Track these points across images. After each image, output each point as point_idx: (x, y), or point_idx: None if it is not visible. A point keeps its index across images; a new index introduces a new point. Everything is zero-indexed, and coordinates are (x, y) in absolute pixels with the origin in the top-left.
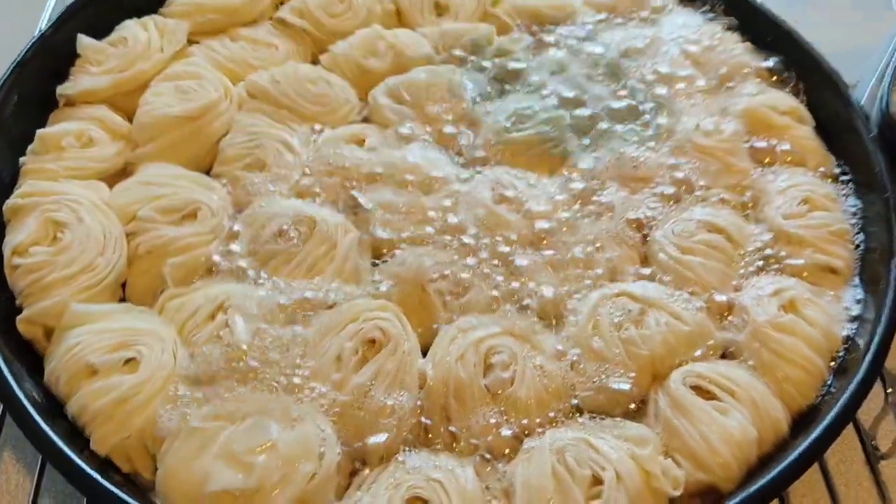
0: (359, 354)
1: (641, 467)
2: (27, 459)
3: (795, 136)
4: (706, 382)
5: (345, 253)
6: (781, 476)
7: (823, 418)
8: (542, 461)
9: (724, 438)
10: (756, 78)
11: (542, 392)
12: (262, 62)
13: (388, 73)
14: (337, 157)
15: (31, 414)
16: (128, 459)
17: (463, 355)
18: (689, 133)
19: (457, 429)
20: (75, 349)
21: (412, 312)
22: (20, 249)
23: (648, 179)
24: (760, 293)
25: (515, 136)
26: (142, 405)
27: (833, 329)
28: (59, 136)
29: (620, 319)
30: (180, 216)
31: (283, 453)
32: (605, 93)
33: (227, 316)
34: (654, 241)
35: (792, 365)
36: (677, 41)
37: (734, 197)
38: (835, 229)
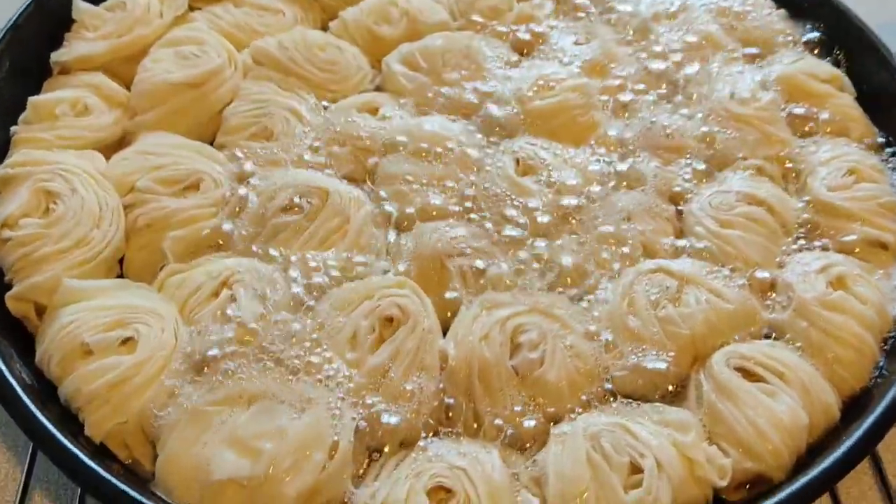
0: (375, 333)
1: (684, 455)
2: (18, 448)
3: (837, 105)
4: (752, 364)
5: (359, 227)
6: (834, 467)
7: (878, 404)
8: (577, 448)
9: (773, 424)
10: (793, 45)
11: (574, 374)
12: (269, 28)
13: (401, 40)
14: (349, 125)
15: (20, 397)
16: (125, 446)
17: (488, 334)
18: (723, 101)
19: (482, 413)
20: (69, 328)
21: (433, 292)
22: (10, 221)
23: (681, 149)
24: (807, 269)
25: (539, 105)
26: (140, 387)
27: (885, 307)
28: (53, 104)
29: (657, 297)
30: (182, 187)
31: (293, 439)
32: (633, 59)
33: (233, 292)
34: (690, 213)
35: (842, 345)
36: (709, 6)
37: (774, 168)
38: (884, 202)
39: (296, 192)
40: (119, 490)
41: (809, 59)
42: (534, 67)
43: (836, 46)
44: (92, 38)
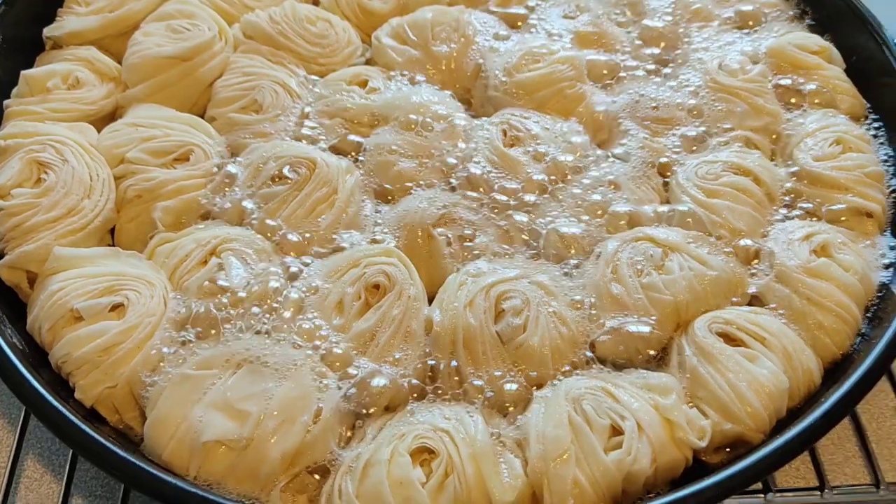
0: (361, 300)
1: (665, 417)
2: (11, 414)
3: (825, 77)
4: (734, 329)
5: (346, 197)
6: (813, 427)
7: (857, 368)
8: (558, 411)
9: (754, 387)
10: (783, 17)
11: (558, 340)
12: (259, 2)
13: (392, 14)
14: (338, 99)
15: (13, 362)
16: (115, 410)
17: (472, 301)
18: (712, 73)
19: (466, 378)
20: (59, 294)
21: (420, 262)
22: (2, 192)
23: (669, 121)
24: (791, 237)
25: (527, 76)
26: (129, 353)
27: (869, 275)
28: (45, 78)
29: (642, 264)
30: (172, 158)
31: (279, 401)
32: (623, 32)
33: (221, 260)
34: (676, 183)
35: (825, 311)
36: None
37: (762, 139)
38: (870, 171)
39: (284, 163)
40: (110, 451)
41: (799, 31)
42: (522, 41)
43: (824, 18)
44: (84, 12)
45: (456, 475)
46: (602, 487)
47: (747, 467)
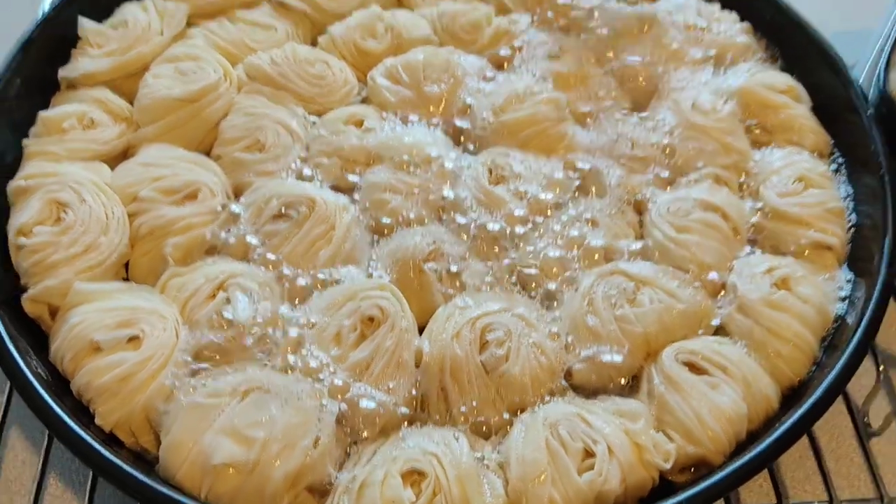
0: (357, 331)
1: (633, 441)
2: (34, 437)
3: (792, 116)
4: (699, 359)
5: (343, 233)
6: (769, 449)
7: (812, 393)
8: (536, 435)
9: (714, 413)
10: (753, 57)
11: (537, 369)
12: (261, 44)
13: (386, 54)
14: (335, 138)
15: (37, 390)
16: (131, 434)
17: (459, 332)
18: (686, 112)
19: (453, 404)
20: (79, 327)
21: (411, 294)
22: (24, 230)
23: (645, 159)
24: (754, 271)
25: (512, 117)
26: (145, 381)
27: (826, 307)
28: (61, 119)
29: (615, 297)
30: (181, 196)
31: (282, 427)
32: (603, 73)
33: (228, 294)
34: (650, 219)
35: (783, 341)
36: (675, 21)
37: (730, 176)
38: (830, 207)
39: (285, 202)
40: (127, 473)
41: (768, 70)
42: (507, 81)
43: (792, 57)
44: (97, 55)
45: (443, 495)
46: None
47: (708, 486)
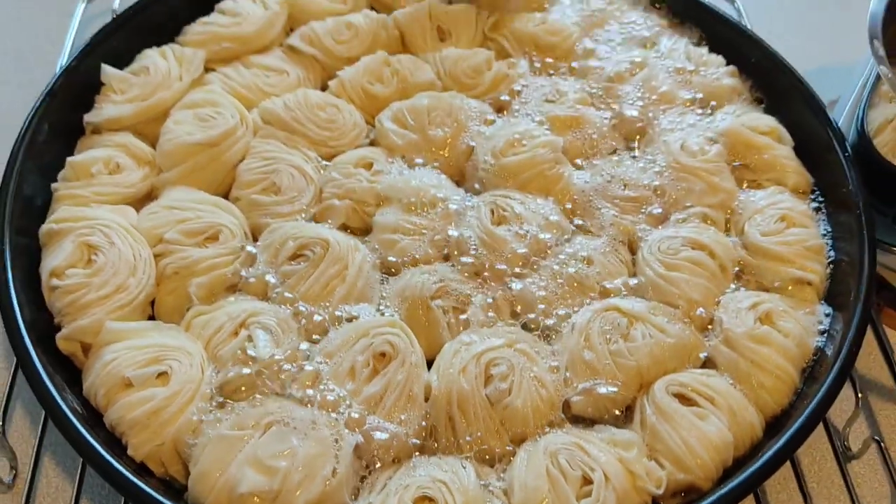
0: (370, 367)
1: (627, 469)
2: (67, 465)
3: (775, 156)
4: (688, 391)
5: (356, 272)
6: (754, 474)
7: (794, 422)
8: (538, 463)
9: (703, 442)
10: (739, 99)
11: (538, 401)
12: (275, 88)
13: (393, 97)
14: (347, 181)
15: (73, 423)
16: (161, 464)
17: (465, 367)
18: (675, 154)
19: (461, 435)
20: (111, 364)
21: (420, 330)
22: (57, 272)
23: (637, 199)
24: (739, 306)
25: (512, 160)
26: (174, 415)
27: (806, 340)
28: (89, 164)
29: (610, 333)
30: (203, 238)
31: (302, 458)
32: (597, 116)
33: (249, 332)
34: (641, 257)
35: (766, 373)
36: (665, 65)
37: (717, 215)
38: (810, 245)
39: (301, 243)
40: (158, 501)
41: (752, 112)
42: (508, 125)
43: (776, 98)
44: (120, 100)
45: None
46: None
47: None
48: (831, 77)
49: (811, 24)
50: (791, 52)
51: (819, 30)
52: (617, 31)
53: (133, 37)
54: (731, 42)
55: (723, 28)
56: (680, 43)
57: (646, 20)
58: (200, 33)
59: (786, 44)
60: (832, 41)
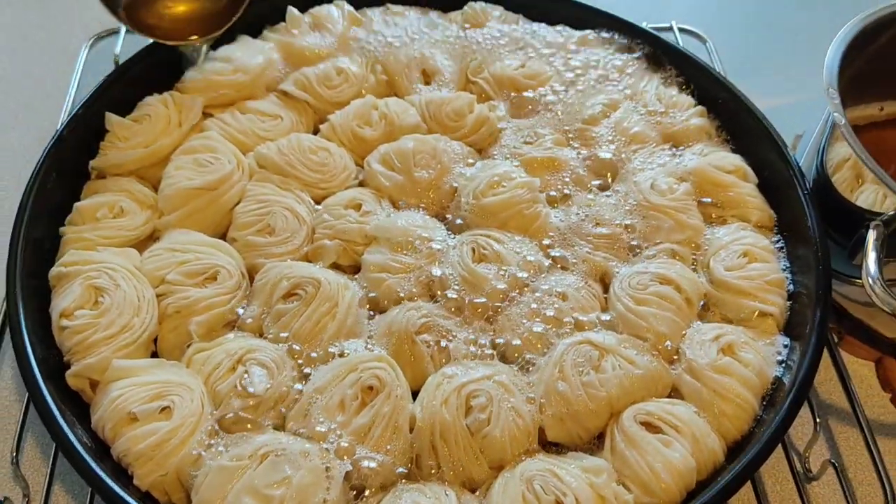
0: (359, 399)
1: (597, 493)
2: (76, 493)
3: (740, 194)
4: (654, 419)
5: (345, 310)
6: (715, 496)
7: (752, 446)
8: (514, 489)
9: (667, 468)
10: (707, 138)
11: (515, 431)
12: (269, 133)
13: (381, 140)
14: (337, 223)
15: (82, 454)
16: (165, 493)
17: (447, 399)
18: (645, 193)
19: (443, 462)
20: (118, 400)
21: (405, 364)
22: (66, 313)
23: (610, 237)
24: (703, 338)
25: (491, 200)
26: (176, 447)
27: (765, 369)
28: (95, 208)
29: (582, 365)
30: (203, 278)
31: (296, 486)
32: (573, 157)
33: (246, 368)
34: (612, 293)
35: (727, 402)
36: (636, 107)
37: (685, 251)
38: (771, 279)
39: (294, 282)
40: None
41: (719, 151)
42: (488, 167)
43: (742, 137)
44: (123, 147)
45: None
46: None
47: None
48: (800, 111)
49: (781, 61)
50: (762, 87)
51: (788, 66)
52: (592, 74)
53: (135, 84)
54: (700, 82)
55: (692, 69)
56: (651, 84)
57: (619, 62)
58: (198, 80)
59: (758, 80)
60: (801, 77)
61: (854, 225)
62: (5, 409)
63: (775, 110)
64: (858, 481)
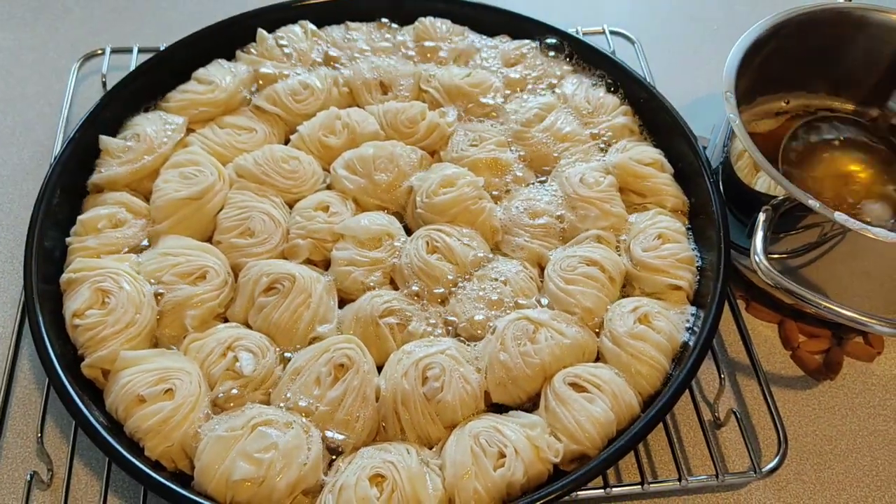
0: (331, 375)
1: (533, 444)
2: (93, 466)
3: (657, 183)
4: (580, 380)
5: (318, 300)
6: (631, 438)
7: (661, 398)
8: (464, 443)
9: (591, 421)
10: (629, 134)
11: (465, 395)
12: (246, 145)
13: (344, 147)
14: (308, 223)
15: (100, 431)
16: (172, 461)
17: (406, 372)
18: (574, 186)
19: (405, 425)
20: (127, 385)
21: (371, 343)
22: (78, 313)
23: (545, 227)
24: (623, 310)
25: (442, 199)
26: (179, 422)
27: (675, 335)
28: (96, 220)
29: (520, 338)
30: (194, 278)
31: (282, 450)
32: (513, 156)
33: (235, 353)
34: (547, 275)
35: (642, 363)
36: (568, 109)
37: (609, 236)
38: (682, 257)
39: (273, 278)
40: (170, 488)
41: (639, 146)
42: (438, 168)
43: (660, 133)
44: (115, 164)
45: (399, 491)
46: (493, 493)
47: (587, 471)
48: (716, 104)
49: (703, 56)
50: (686, 81)
51: (709, 61)
52: (529, 80)
53: (124, 105)
54: (625, 84)
55: (618, 72)
56: (581, 88)
57: (553, 68)
58: (180, 100)
59: (682, 75)
60: (720, 71)
61: (754, 207)
62: (27, 398)
63: (696, 103)
64: (761, 426)
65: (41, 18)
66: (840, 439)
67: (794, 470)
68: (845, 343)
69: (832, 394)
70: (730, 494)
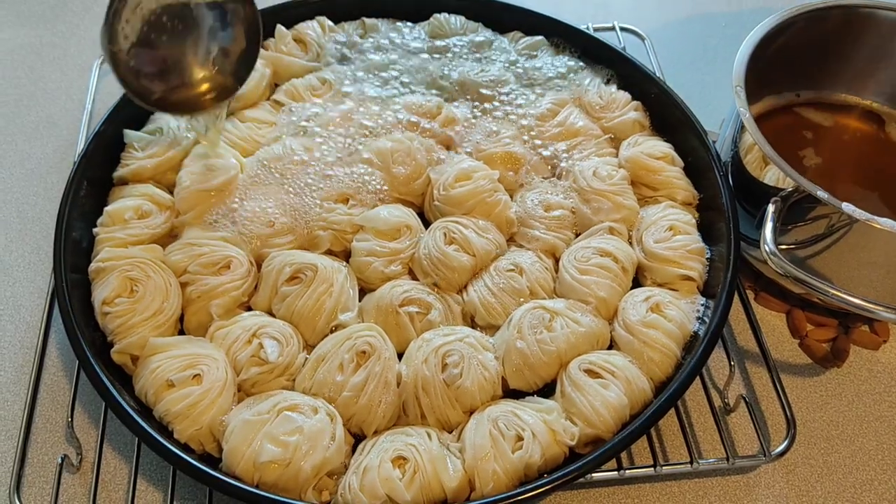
0: (354, 362)
1: (550, 427)
2: (122, 449)
3: (668, 177)
4: (595, 367)
5: (339, 289)
6: (644, 422)
7: (673, 384)
8: (483, 427)
9: (605, 405)
10: (640, 129)
11: (483, 381)
12: (265, 138)
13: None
14: (328, 214)
15: (131, 414)
16: (200, 444)
17: (427, 359)
18: (588, 180)
19: (425, 410)
20: (157, 371)
21: (391, 331)
22: (107, 301)
23: (559, 218)
24: (635, 300)
25: (458, 192)
26: (208, 407)
27: (686, 324)
28: (122, 212)
29: (536, 326)
30: (218, 268)
31: (307, 433)
32: (528, 150)
33: (261, 340)
34: (561, 265)
35: (655, 351)
36: (580, 104)
37: (622, 228)
38: (692, 248)
39: (296, 268)
40: (199, 468)
41: (651, 140)
42: (454, 162)
43: (670, 128)
44: (141, 157)
45: (420, 472)
46: (511, 474)
47: (601, 453)
48: (725, 100)
49: (712, 52)
50: (696, 77)
51: (716, 57)
52: (542, 75)
53: None
54: (635, 80)
55: (629, 68)
56: (594, 83)
57: (566, 63)
58: None
59: (692, 71)
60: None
61: (763, 199)
62: (55, 385)
63: (706, 97)
64: (770, 412)
65: (61, 16)
66: (846, 424)
67: (802, 454)
68: (852, 332)
69: (839, 381)
70: (740, 477)
